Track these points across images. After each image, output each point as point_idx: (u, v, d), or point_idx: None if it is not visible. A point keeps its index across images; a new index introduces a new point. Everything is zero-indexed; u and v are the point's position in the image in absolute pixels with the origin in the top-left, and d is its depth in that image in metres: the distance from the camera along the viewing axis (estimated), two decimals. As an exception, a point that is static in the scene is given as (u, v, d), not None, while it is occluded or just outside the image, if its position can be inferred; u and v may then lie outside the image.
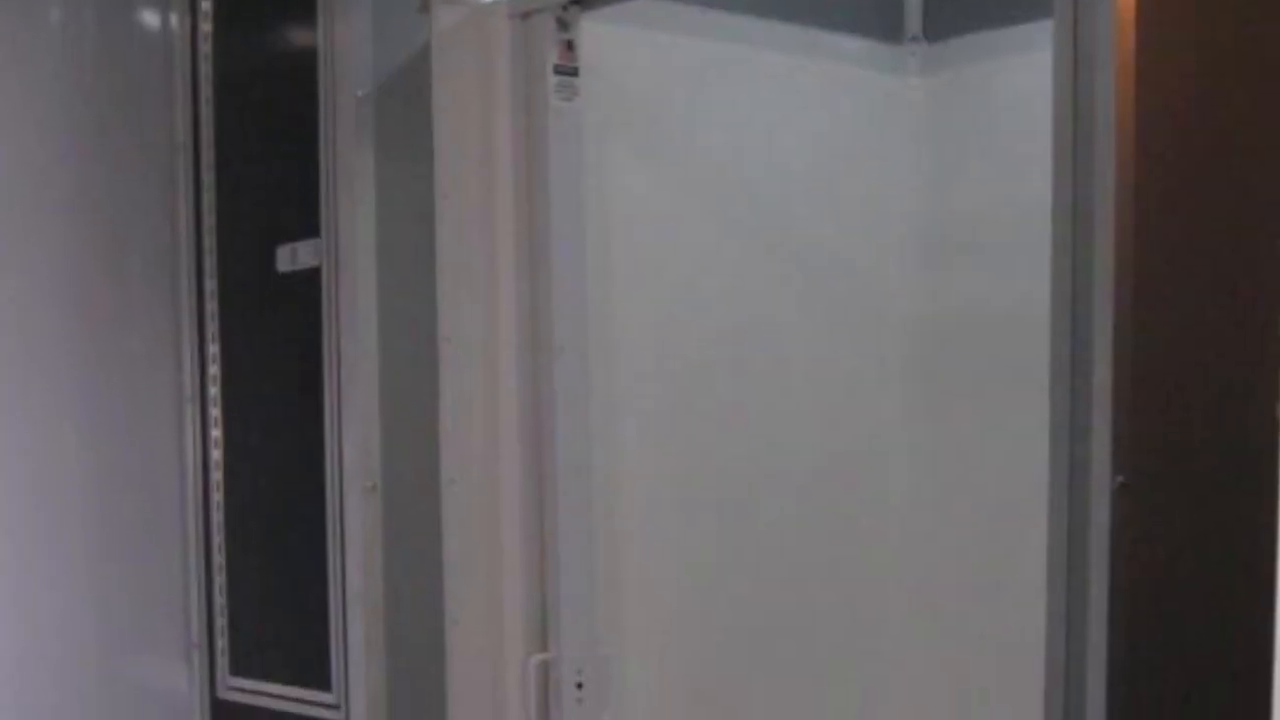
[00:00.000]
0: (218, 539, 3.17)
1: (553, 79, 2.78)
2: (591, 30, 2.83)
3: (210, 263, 3.19)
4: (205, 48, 3.18)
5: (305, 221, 2.95)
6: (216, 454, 3.19)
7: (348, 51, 2.88)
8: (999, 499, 3.29)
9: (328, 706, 2.89)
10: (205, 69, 3.18)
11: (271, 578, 3.07)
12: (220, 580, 3.16)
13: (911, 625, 3.39)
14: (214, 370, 3.19)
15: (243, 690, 3.12)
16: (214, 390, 3.19)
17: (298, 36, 2.99)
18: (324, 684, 2.89)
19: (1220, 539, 2.12)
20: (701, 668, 3.18)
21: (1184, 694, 2.11)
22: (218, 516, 3.17)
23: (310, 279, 2.95)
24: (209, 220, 3.19)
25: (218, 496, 3.18)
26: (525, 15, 2.80)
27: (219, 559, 3.16)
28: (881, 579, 3.39)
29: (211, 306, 3.19)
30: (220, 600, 3.15)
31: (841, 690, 3.34)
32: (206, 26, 3.18)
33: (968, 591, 3.34)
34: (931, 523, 3.40)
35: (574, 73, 2.80)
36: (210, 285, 3.19)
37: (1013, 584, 3.00)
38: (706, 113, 3.15)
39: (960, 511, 3.38)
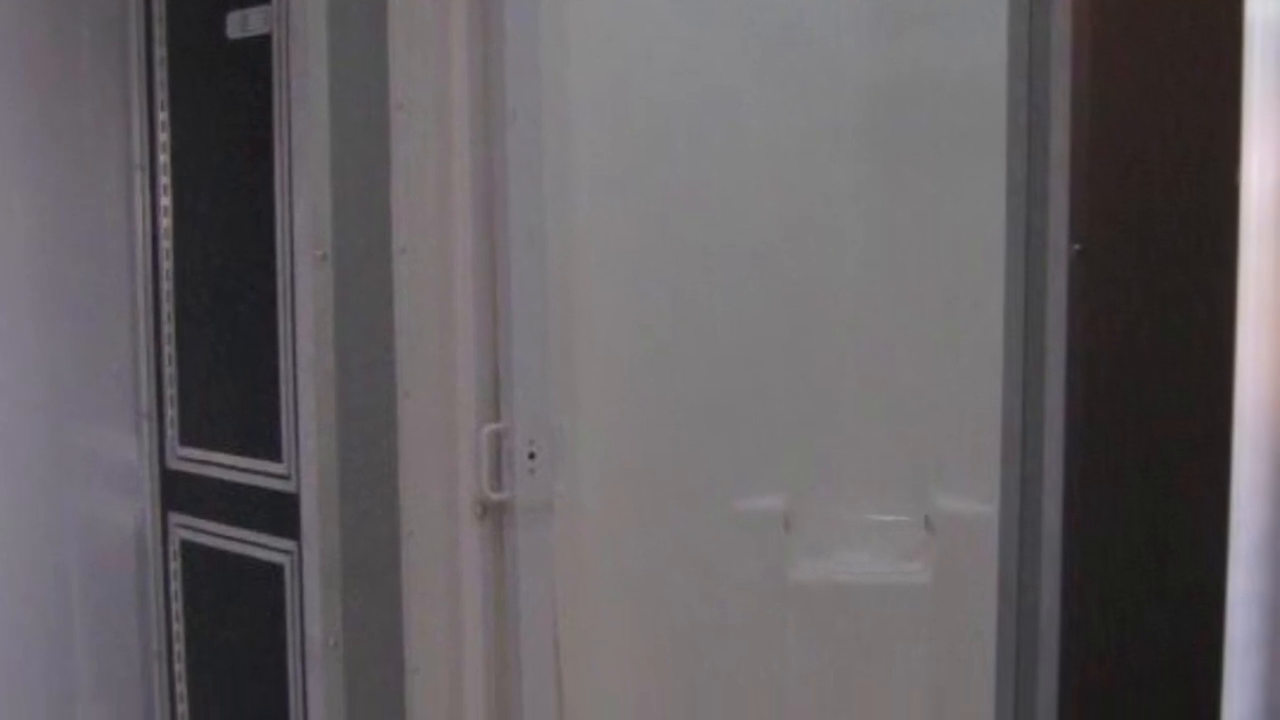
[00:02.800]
0: (167, 308, 3.14)
1: None
2: None
3: (160, 30, 3.13)
4: None
5: (254, -14, 2.90)
6: (166, 223, 3.16)
7: None
8: (955, 267, 3.29)
9: (278, 477, 2.89)
10: None
11: (221, 347, 3.05)
12: (169, 350, 3.14)
13: (868, 395, 3.40)
14: (163, 138, 3.15)
15: (192, 460, 3.11)
16: (163, 158, 3.15)
17: None
18: (274, 454, 2.89)
19: (1179, 309, 2.11)
20: (655, 438, 3.19)
21: (1142, 464, 2.11)
22: (167, 286, 3.15)
23: (261, 46, 2.90)
24: (157, -15, 3.13)
25: (167, 265, 3.15)
26: None
27: (168, 329, 3.14)
28: (837, 349, 3.39)
29: (161, 74, 3.14)
30: (170, 370, 3.14)
31: (797, 462, 3.36)
32: None
33: (924, 361, 3.34)
34: (887, 292, 3.40)
35: None
36: (160, 53, 3.14)
37: (970, 354, 3.01)
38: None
39: (915, 280, 3.38)
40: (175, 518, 3.16)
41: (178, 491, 3.15)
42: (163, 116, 3.14)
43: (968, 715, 3.03)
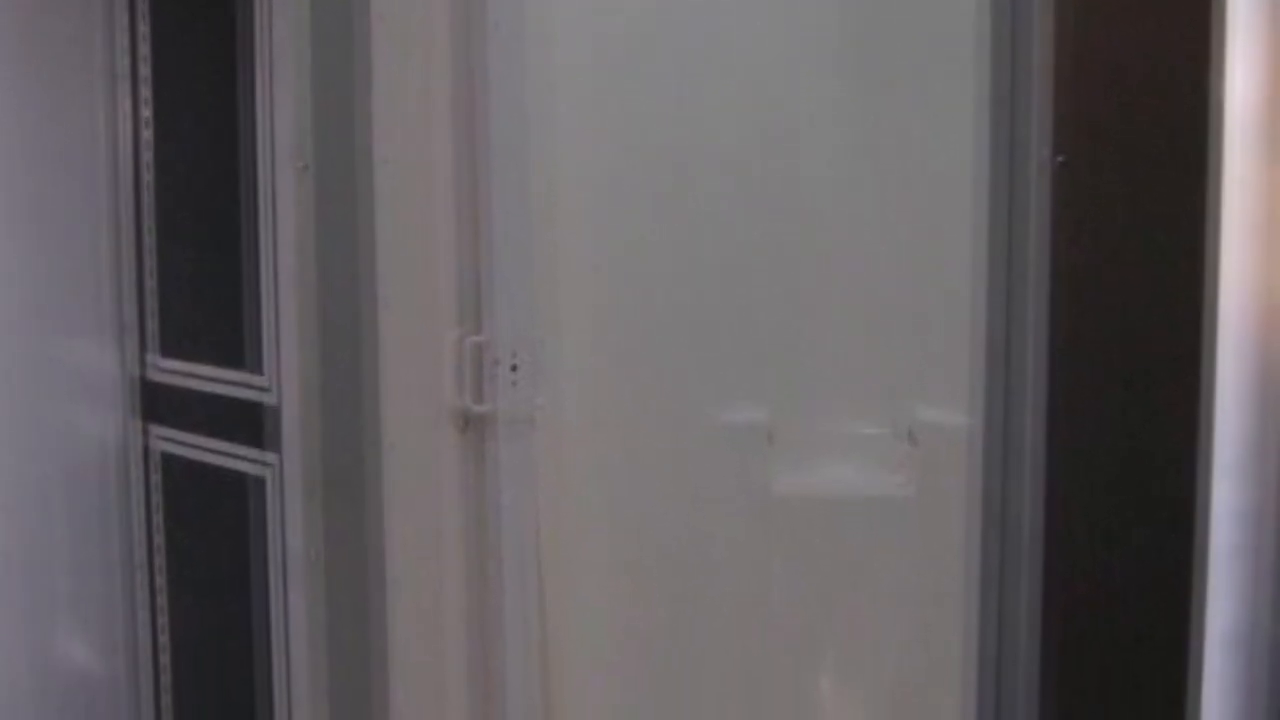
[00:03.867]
0: (148, 221, 3.13)
1: None
2: None
3: (140, -59, 3.12)
4: None
5: (233, -105, 2.88)
6: (147, 134, 3.15)
7: None
8: (936, 180, 3.28)
9: (259, 389, 2.89)
10: None
11: (202, 260, 3.04)
12: (150, 263, 3.13)
13: (850, 309, 3.39)
14: (145, 50, 3.13)
15: (173, 373, 3.11)
16: (145, 70, 3.14)
17: None
18: (255, 366, 2.89)
19: (1161, 220, 2.11)
20: (636, 351, 3.19)
21: (1124, 377, 2.12)
22: (148, 198, 3.14)
23: (242, -45, 2.89)
24: (136, -105, 3.11)
25: (148, 178, 3.14)
26: None
27: (149, 241, 3.13)
28: (820, 262, 3.38)
29: (142, -15, 3.13)
30: (150, 283, 3.13)
31: (780, 376, 3.35)
32: None
33: (907, 275, 3.34)
34: (868, 204, 3.39)
35: None
36: (139, -38, 3.13)
37: (952, 267, 3.00)
38: None
39: (897, 193, 3.37)
40: (155, 430, 3.16)
41: (158, 404, 3.15)
42: (144, 28, 3.12)
43: (950, 627, 3.04)
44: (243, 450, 2.94)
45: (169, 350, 3.12)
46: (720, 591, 3.33)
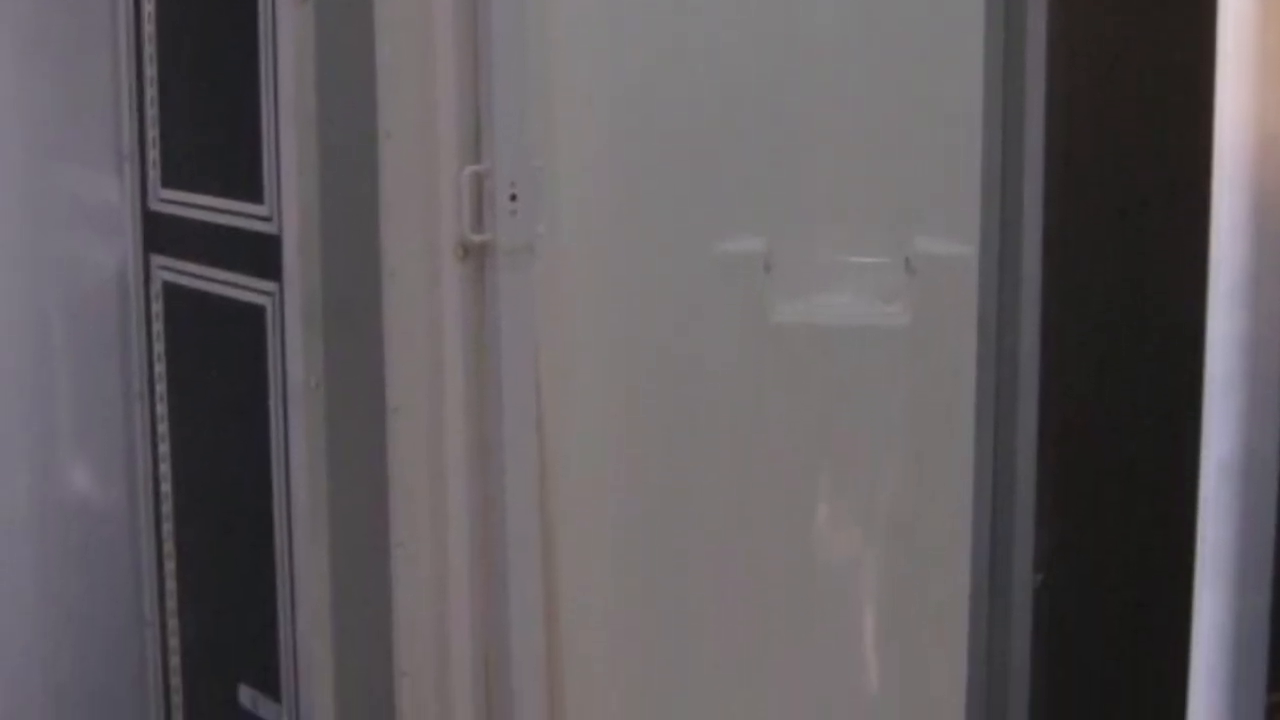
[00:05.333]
0: (149, 49, 3.12)
1: None
2: None
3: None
4: None
5: None
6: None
7: None
8: (933, 7, 3.27)
9: (259, 218, 2.89)
10: None
11: (203, 89, 3.03)
12: (151, 92, 3.12)
13: (848, 137, 3.38)
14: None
15: (174, 202, 3.11)
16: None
17: None
18: (256, 196, 2.88)
19: (1159, 49, 2.11)
20: (635, 180, 3.19)
21: (1121, 206, 2.12)
22: (149, 28, 3.11)
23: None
24: None
25: (149, 7, 3.11)
26: None
27: (150, 70, 3.12)
28: (817, 91, 3.37)
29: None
30: (151, 112, 3.12)
31: (777, 204, 3.36)
32: None
33: (904, 103, 3.33)
34: (867, 31, 3.38)
35: None
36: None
37: (949, 94, 3.00)
38: None
39: (895, 20, 3.36)
40: (157, 259, 3.16)
41: (159, 233, 3.16)
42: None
43: (947, 456, 3.07)
44: (243, 279, 2.94)
45: (170, 180, 3.11)
46: (717, 418, 3.36)
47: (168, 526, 3.23)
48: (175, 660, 3.26)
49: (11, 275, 3.17)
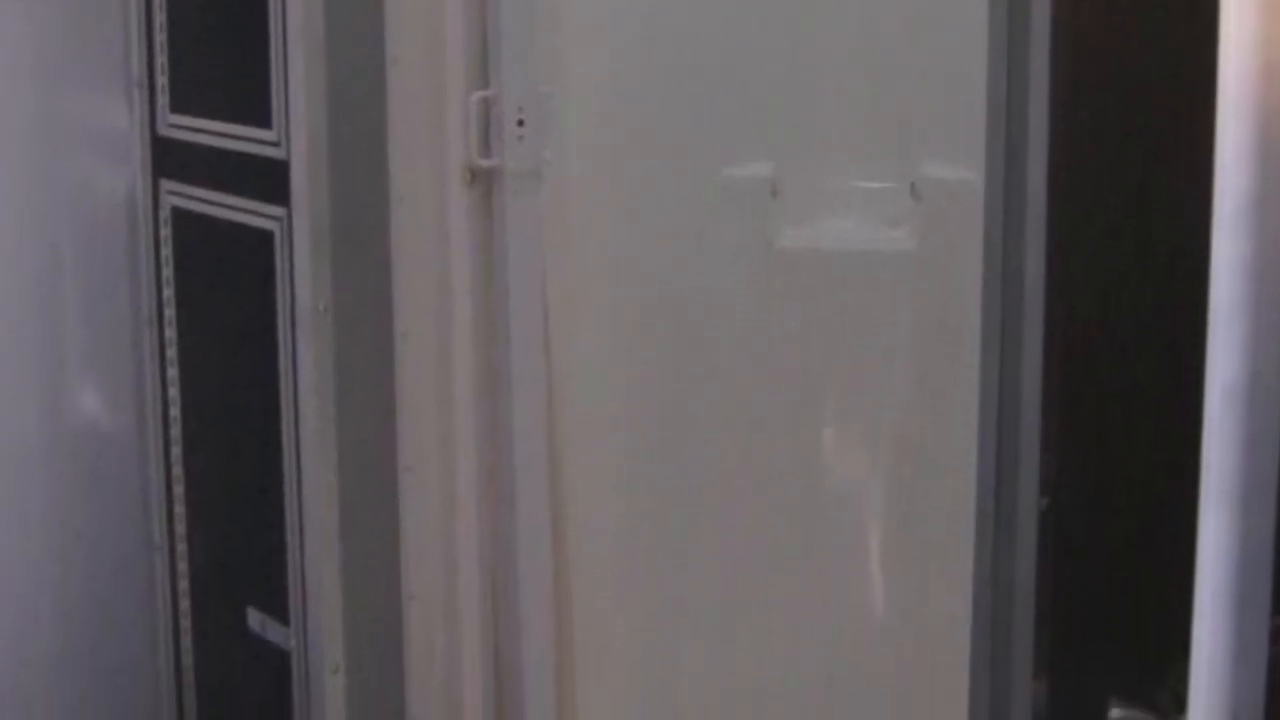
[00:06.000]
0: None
1: None
2: None
3: None
4: None
5: None
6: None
7: None
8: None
9: (268, 144, 2.90)
10: None
11: (212, 14, 3.04)
12: (160, 18, 3.12)
13: (854, 61, 3.38)
14: None
15: (183, 128, 3.11)
16: None
17: None
18: (264, 121, 2.89)
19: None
20: (642, 105, 3.19)
21: (1125, 130, 2.13)
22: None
23: None
24: None
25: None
26: None
27: (160, -3, 3.13)
28: (824, 13, 3.37)
29: None
30: (160, 37, 3.12)
31: (784, 129, 3.36)
32: None
33: (910, 28, 3.33)
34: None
35: None
36: None
37: (954, 19, 3.00)
38: None
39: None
40: (166, 185, 3.17)
41: (168, 159, 3.16)
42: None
43: (951, 378, 3.08)
44: (252, 204, 2.95)
45: (178, 105, 3.11)
46: (723, 342, 3.37)
47: (176, 451, 3.25)
48: (184, 584, 3.28)
49: (21, 201, 3.17)
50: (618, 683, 3.33)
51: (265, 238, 2.91)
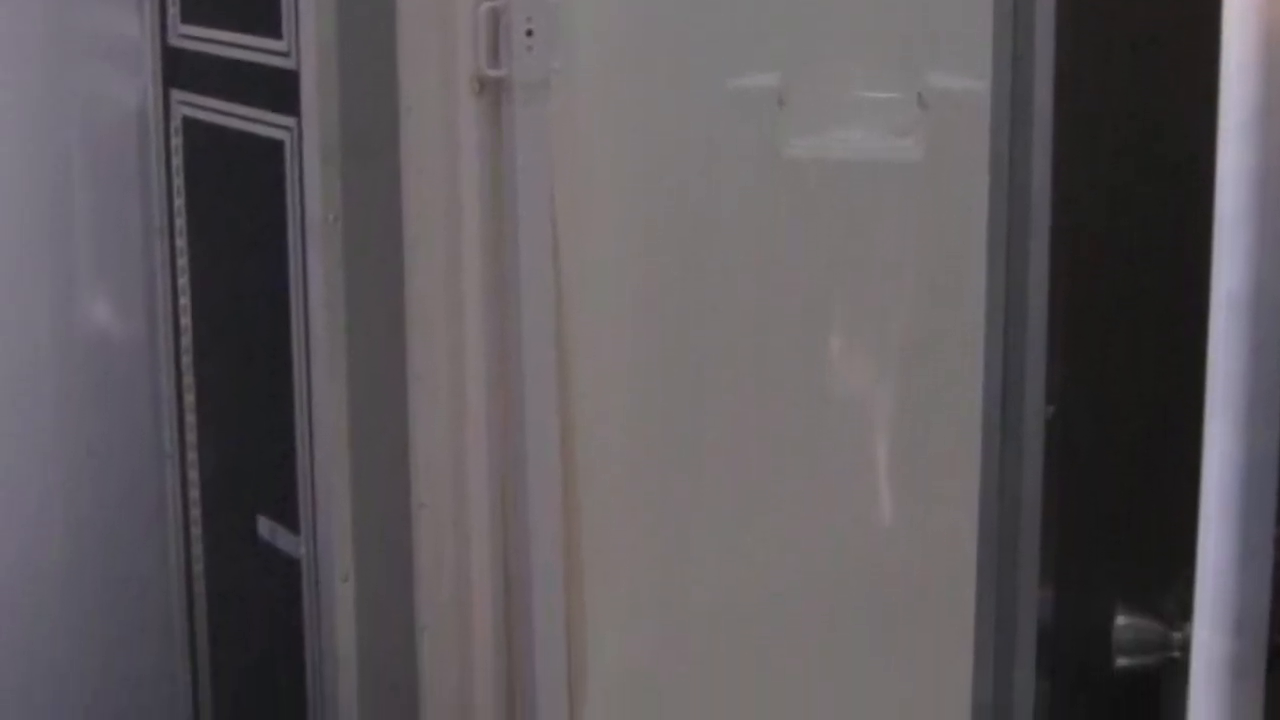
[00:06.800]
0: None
1: None
2: None
3: None
4: None
5: None
6: None
7: None
8: None
9: (278, 54, 2.90)
10: None
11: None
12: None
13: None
14: None
15: (194, 38, 3.11)
16: None
17: None
18: (274, 31, 2.89)
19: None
20: (650, 11, 3.19)
21: (1132, 42, 2.13)
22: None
23: None
24: None
25: None
26: None
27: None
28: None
29: None
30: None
31: (792, 39, 3.35)
32: None
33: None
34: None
35: None
36: None
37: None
38: None
39: None
40: (177, 95, 3.17)
41: (179, 69, 3.16)
42: None
43: (959, 290, 3.09)
44: (262, 114, 2.95)
45: (189, 15, 3.11)
46: (729, 251, 3.38)
47: (187, 360, 3.26)
48: (194, 492, 3.31)
49: (32, 112, 3.18)
50: (626, 590, 3.35)
51: (275, 147, 2.91)
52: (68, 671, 3.31)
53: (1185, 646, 1.45)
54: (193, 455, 3.28)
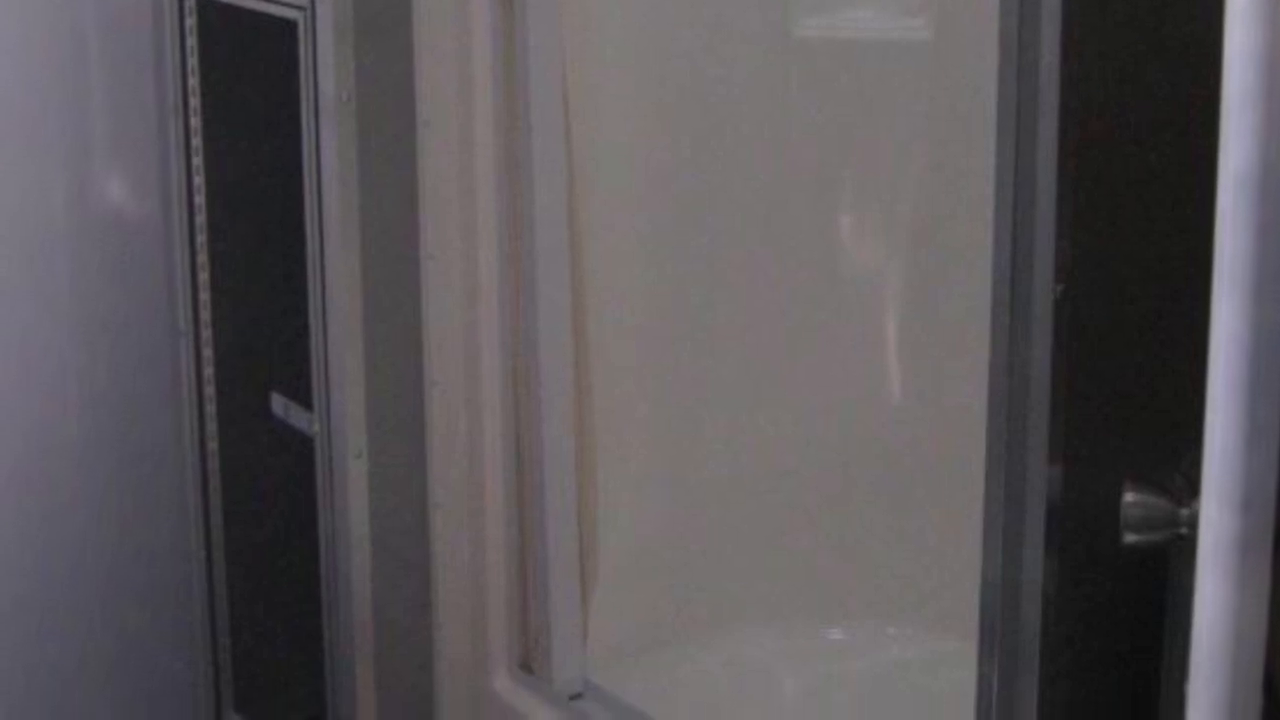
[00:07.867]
0: None
1: None
2: None
3: None
4: None
5: None
6: None
7: None
8: None
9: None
10: None
11: None
12: None
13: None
14: None
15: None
16: None
17: None
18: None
19: None
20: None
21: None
22: None
23: None
24: None
25: None
26: None
27: None
28: None
29: None
30: None
31: None
32: None
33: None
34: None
35: None
36: None
37: None
38: None
39: None
40: (191, -26, 3.17)
41: (192, -52, 3.16)
42: None
43: (968, 168, 3.09)
44: (277, -7, 2.96)
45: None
46: (741, 129, 3.39)
47: (201, 238, 3.27)
48: (208, 370, 3.32)
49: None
50: (637, 466, 3.38)
51: (289, 27, 2.91)
52: (83, 545, 3.34)
53: (1193, 523, 1.47)
54: (207, 333, 3.30)
